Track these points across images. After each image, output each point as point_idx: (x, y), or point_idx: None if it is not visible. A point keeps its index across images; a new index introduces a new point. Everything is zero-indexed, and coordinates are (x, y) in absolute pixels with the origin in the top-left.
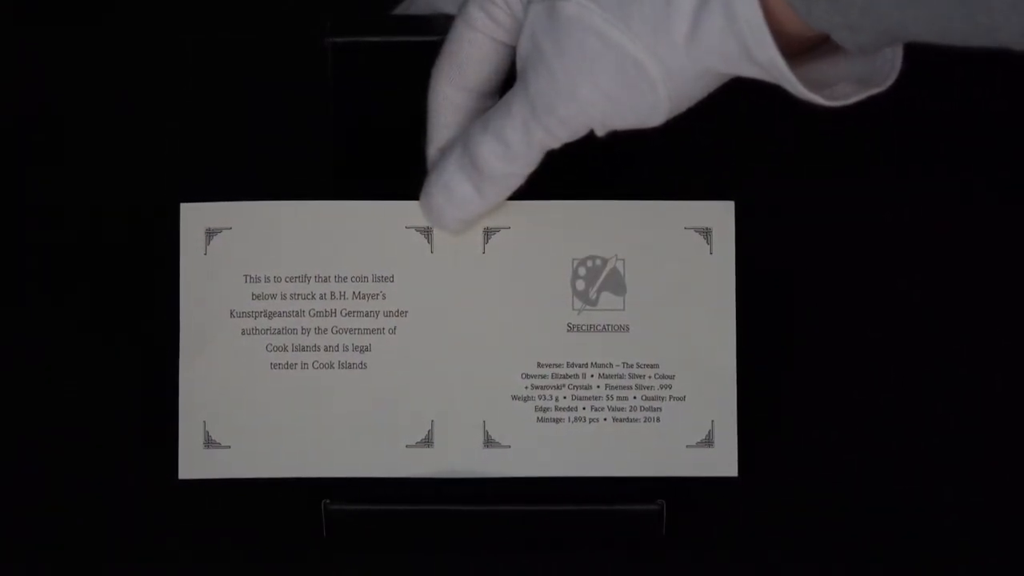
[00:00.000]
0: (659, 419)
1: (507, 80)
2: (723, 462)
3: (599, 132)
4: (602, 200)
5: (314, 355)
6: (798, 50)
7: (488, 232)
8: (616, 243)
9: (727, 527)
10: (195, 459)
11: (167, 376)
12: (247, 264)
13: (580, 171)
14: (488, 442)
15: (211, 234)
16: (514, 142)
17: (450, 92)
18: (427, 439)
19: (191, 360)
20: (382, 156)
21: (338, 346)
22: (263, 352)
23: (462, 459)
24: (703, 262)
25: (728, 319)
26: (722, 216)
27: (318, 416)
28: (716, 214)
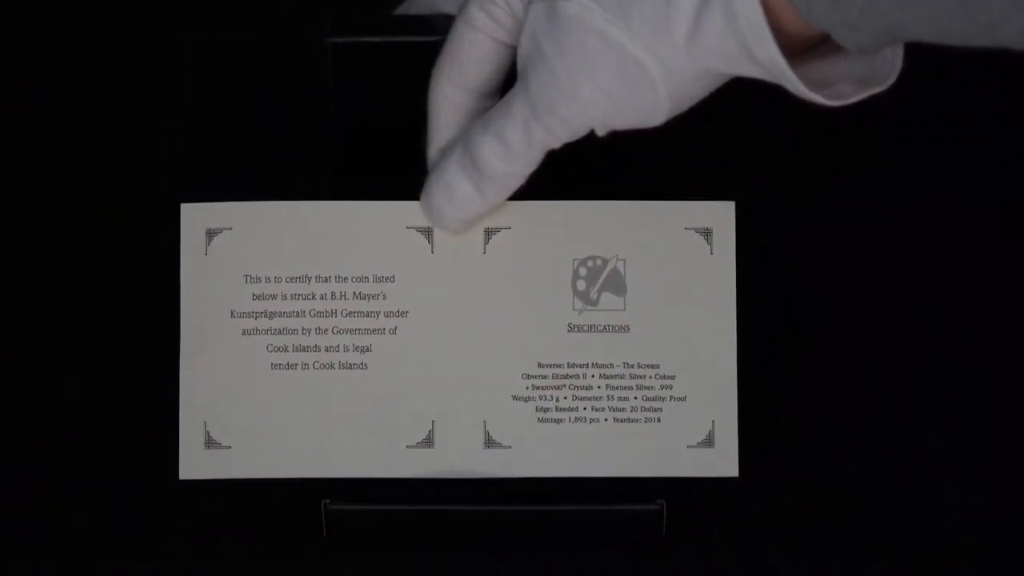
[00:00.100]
0: (660, 419)
1: (508, 80)
2: (724, 462)
3: (600, 132)
4: (603, 200)
5: (315, 355)
6: (798, 50)
7: (489, 232)
8: (617, 243)
9: (727, 527)
10: (196, 459)
11: (167, 376)
12: (248, 264)
13: (581, 171)
14: (489, 442)
15: (212, 234)
16: (515, 142)
17: (451, 92)
18: (428, 439)
19: (191, 360)
20: (382, 156)
21: (339, 346)
22: (264, 352)
23: (463, 459)
24: (704, 262)
25: (729, 319)
26: (723, 216)
27: (319, 416)
28: (717, 214)
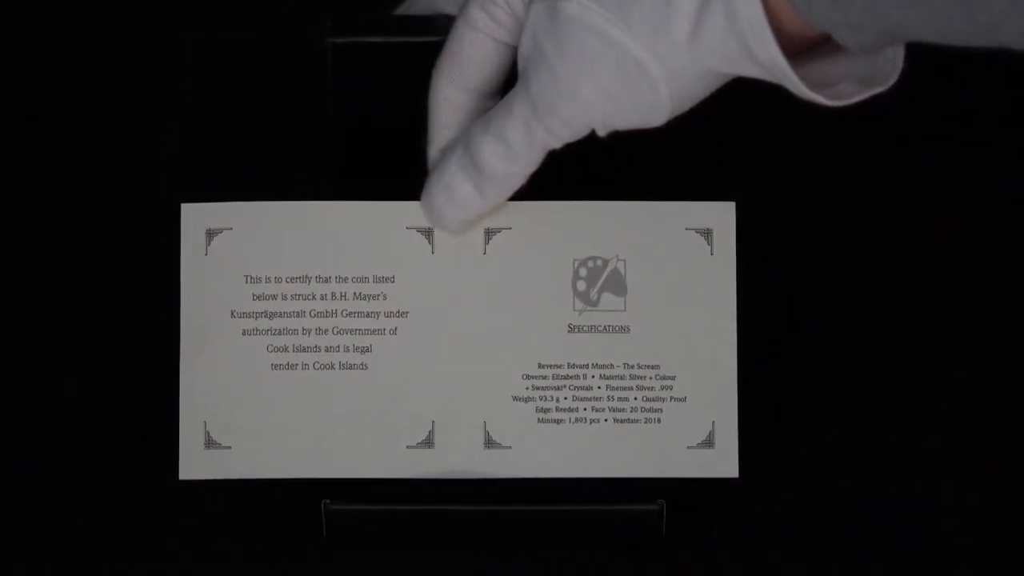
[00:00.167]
0: (660, 420)
1: (508, 80)
2: (724, 463)
3: (600, 132)
4: (603, 201)
5: (315, 355)
6: (799, 50)
7: (489, 233)
8: (617, 244)
9: (727, 527)
10: (195, 459)
11: (168, 376)
12: (248, 264)
13: (581, 172)
14: (489, 443)
15: (212, 234)
16: (515, 142)
17: (451, 92)
18: (428, 440)
19: (191, 360)
20: (382, 157)
21: (339, 347)
22: (264, 352)
23: (463, 460)
24: (704, 263)
25: (729, 320)
26: (723, 217)
27: (319, 416)
28: (717, 215)
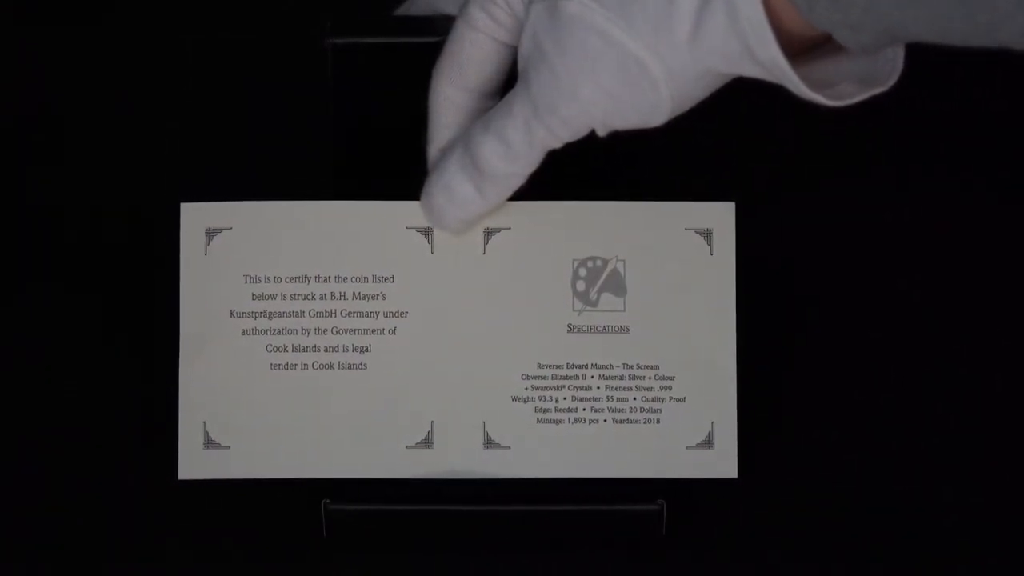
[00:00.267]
0: (659, 420)
1: (508, 80)
2: (723, 463)
3: (601, 132)
4: (603, 201)
5: (314, 355)
6: (800, 50)
7: (489, 233)
8: (617, 244)
9: (727, 527)
10: (195, 459)
11: (167, 376)
12: (247, 264)
13: (581, 172)
14: (488, 443)
15: (211, 234)
16: (515, 142)
17: (451, 92)
18: (427, 440)
19: (191, 360)
20: (382, 157)
21: (338, 346)
22: (263, 352)
23: (462, 460)
24: (704, 263)
25: (728, 320)
26: (723, 217)
27: (318, 416)
28: (717, 215)
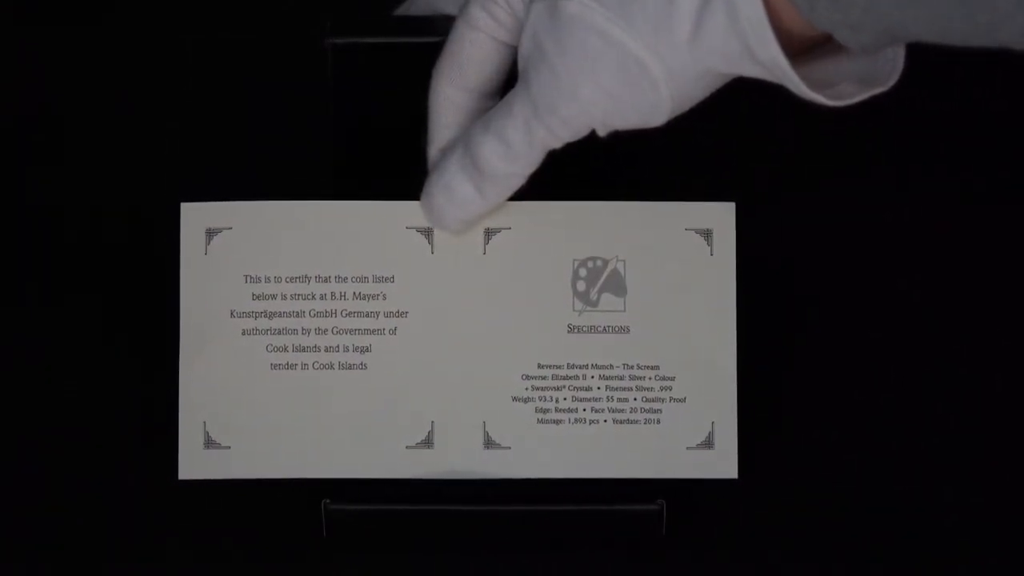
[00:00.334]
0: (659, 420)
1: (508, 80)
2: (723, 464)
3: (601, 132)
4: (603, 201)
5: (314, 355)
6: (800, 50)
7: (489, 233)
8: (617, 244)
9: (727, 527)
10: (195, 459)
11: (167, 376)
12: (247, 264)
13: (581, 172)
14: (488, 443)
15: (211, 234)
16: (516, 142)
17: (451, 92)
18: (427, 440)
19: (191, 360)
20: (382, 157)
21: (338, 346)
22: (263, 352)
23: (462, 460)
24: (704, 263)
25: (729, 320)
26: (723, 217)
27: (318, 416)
28: (717, 215)
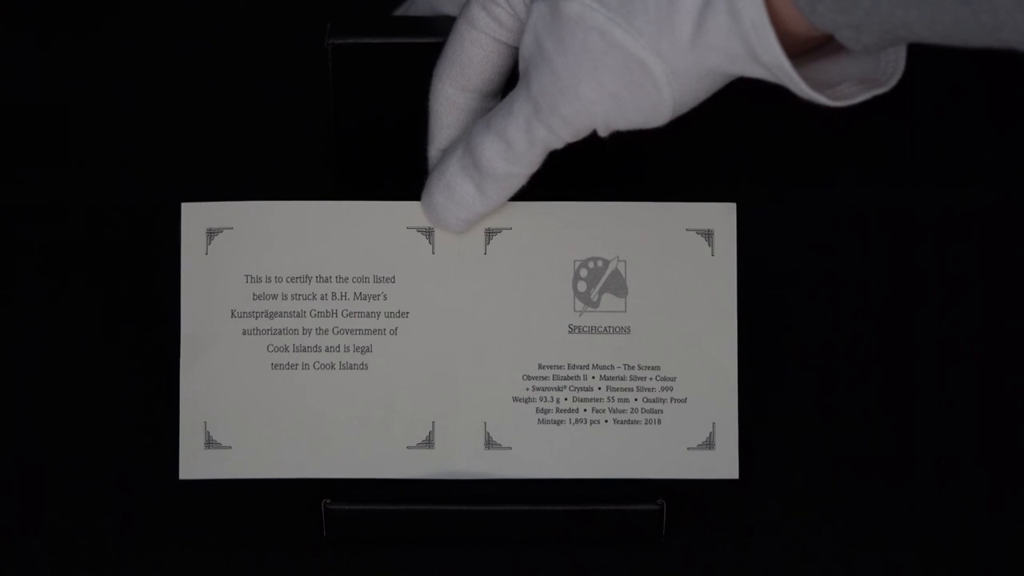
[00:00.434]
0: (660, 421)
1: (509, 80)
2: (724, 464)
3: (602, 132)
4: (604, 201)
5: (315, 356)
6: (801, 50)
7: (490, 233)
8: (618, 244)
9: (727, 527)
10: (196, 459)
11: (168, 376)
12: (248, 264)
13: (582, 172)
14: (489, 443)
15: (212, 234)
16: (517, 142)
17: (452, 92)
18: (428, 440)
19: (192, 360)
20: (383, 157)
21: (339, 347)
22: (264, 352)
23: (463, 460)
24: (705, 264)
25: (730, 321)
26: (724, 217)
27: (319, 417)
28: (718, 215)
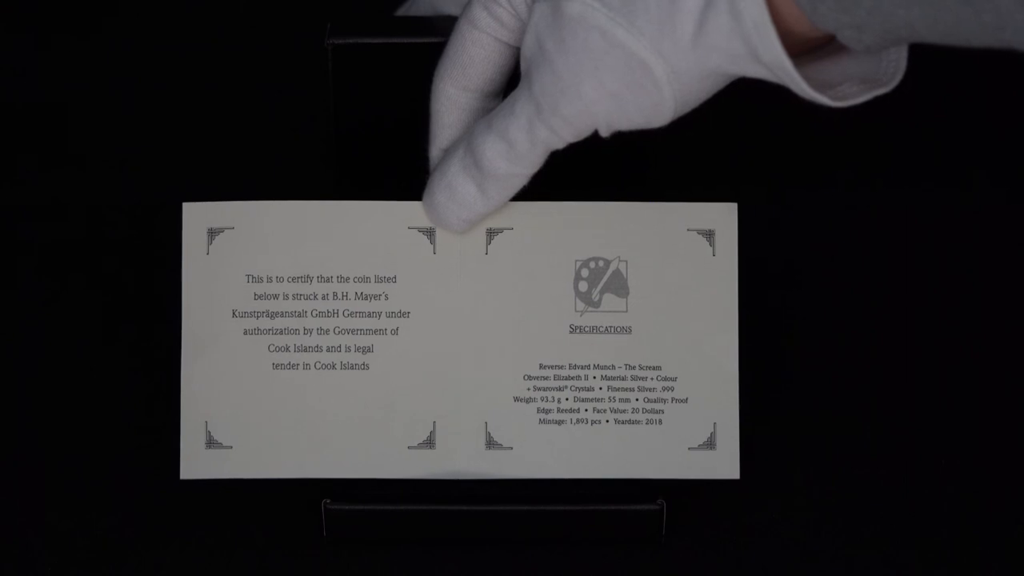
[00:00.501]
0: (661, 421)
1: (511, 80)
2: (725, 464)
3: (603, 132)
4: (605, 201)
5: (316, 356)
6: (802, 50)
7: (491, 233)
8: (619, 244)
9: (727, 527)
10: (197, 459)
11: (169, 376)
12: (249, 264)
13: (583, 172)
14: (490, 443)
15: (213, 234)
16: (518, 142)
17: (453, 92)
18: (429, 440)
19: (193, 360)
20: (383, 157)
21: (340, 347)
22: (265, 352)
23: (464, 460)
24: (706, 264)
25: (731, 321)
26: (725, 218)
27: (320, 417)
28: (719, 216)
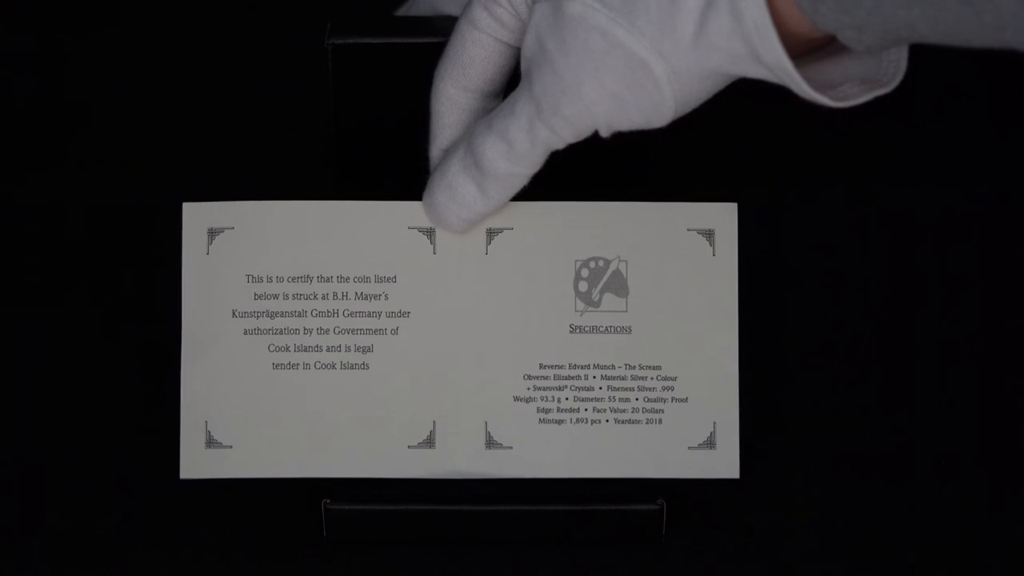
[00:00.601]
0: (661, 420)
1: (511, 80)
2: (725, 464)
3: (604, 133)
4: (605, 201)
5: (316, 355)
6: (803, 51)
7: (491, 233)
8: (619, 244)
9: (727, 527)
10: (196, 459)
11: (169, 376)
12: (249, 264)
13: (583, 172)
14: (490, 443)
15: (213, 234)
16: (518, 142)
17: (453, 92)
18: (429, 440)
19: (193, 360)
20: (384, 157)
21: (340, 346)
22: (265, 352)
23: (464, 460)
24: (706, 264)
25: (731, 321)
26: (725, 217)
27: (320, 416)
28: (719, 215)
